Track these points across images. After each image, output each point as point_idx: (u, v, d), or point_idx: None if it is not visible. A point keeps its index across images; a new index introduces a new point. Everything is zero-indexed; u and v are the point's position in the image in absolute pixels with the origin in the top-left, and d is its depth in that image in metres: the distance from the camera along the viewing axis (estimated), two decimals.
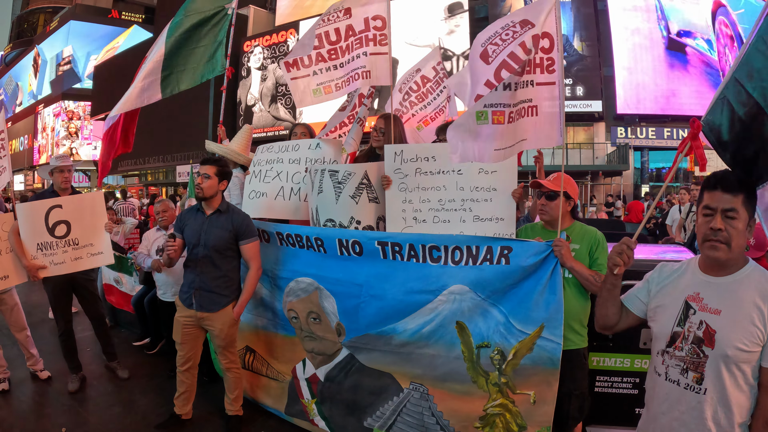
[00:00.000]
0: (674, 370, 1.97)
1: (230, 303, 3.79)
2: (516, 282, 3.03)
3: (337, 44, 4.28)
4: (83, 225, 4.50)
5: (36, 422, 4.18)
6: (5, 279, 4.41)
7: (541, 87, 2.99)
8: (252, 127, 5.20)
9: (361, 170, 3.81)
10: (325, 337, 3.68)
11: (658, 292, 2.10)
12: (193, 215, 3.84)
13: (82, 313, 4.96)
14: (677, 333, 1.96)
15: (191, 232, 3.79)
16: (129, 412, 4.34)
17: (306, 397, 3.86)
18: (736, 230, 1.83)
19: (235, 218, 3.76)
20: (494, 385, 3.11)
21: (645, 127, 23.59)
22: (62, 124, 43.49)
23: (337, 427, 3.73)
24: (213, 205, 3.79)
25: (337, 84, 4.33)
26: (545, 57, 2.95)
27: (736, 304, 1.84)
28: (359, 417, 3.58)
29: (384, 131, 4.31)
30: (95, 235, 4.56)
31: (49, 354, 5.29)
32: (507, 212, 3.52)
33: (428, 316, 3.25)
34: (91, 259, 4.57)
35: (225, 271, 3.78)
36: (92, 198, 4.69)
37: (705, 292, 1.93)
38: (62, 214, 4.42)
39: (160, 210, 5.35)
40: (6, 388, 4.71)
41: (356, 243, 3.49)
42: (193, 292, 3.78)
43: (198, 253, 3.75)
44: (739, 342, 1.79)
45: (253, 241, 3.79)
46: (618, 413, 3.53)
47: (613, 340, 3.50)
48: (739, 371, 1.81)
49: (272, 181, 4.38)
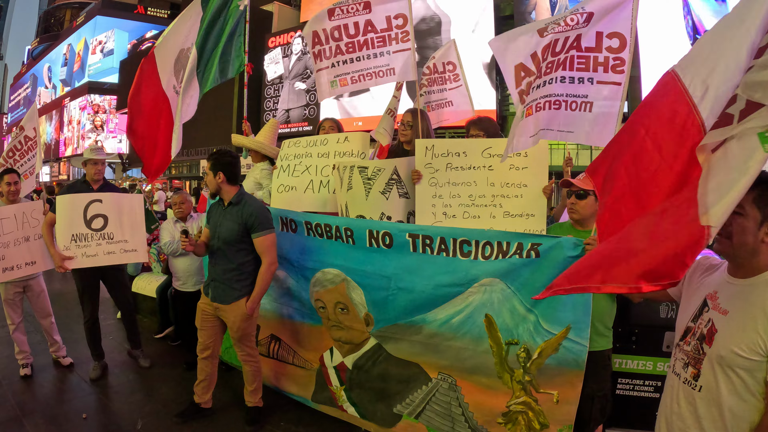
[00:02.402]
0: (679, 364, 1.95)
1: (243, 297, 3.77)
2: (545, 279, 2.95)
3: (355, 38, 4.27)
4: (121, 221, 4.58)
5: (57, 408, 4.22)
6: (32, 264, 4.48)
7: (601, 85, 2.97)
8: (278, 121, 5.21)
9: (391, 166, 3.80)
10: (353, 326, 3.66)
11: (689, 283, 2.07)
12: (217, 206, 3.89)
13: (105, 302, 4.99)
14: (689, 328, 1.93)
15: (212, 224, 3.86)
16: (149, 401, 4.37)
17: (335, 384, 3.86)
18: (740, 226, 1.75)
19: (245, 210, 3.72)
20: (518, 382, 3.07)
21: None
22: (88, 117, 44.14)
23: (367, 412, 3.72)
24: (226, 197, 3.81)
25: (352, 77, 4.30)
26: (612, 56, 2.91)
27: (744, 308, 1.77)
28: (388, 403, 3.58)
29: (411, 125, 4.29)
30: (132, 233, 4.62)
31: (71, 341, 5.34)
32: (537, 208, 3.51)
33: (459, 307, 3.21)
34: (124, 255, 4.62)
35: (237, 264, 3.77)
36: (131, 199, 4.75)
37: (722, 291, 1.87)
38: (101, 209, 4.50)
39: (177, 201, 5.35)
40: (28, 374, 4.78)
41: (387, 234, 3.45)
42: (210, 283, 3.86)
43: (214, 245, 3.81)
44: (736, 346, 1.72)
45: (265, 234, 3.71)
46: (638, 416, 3.48)
47: (637, 343, 3.47)
48: (736, 377, 1.73)
49: (301, 175, 4.41)
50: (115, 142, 42.58)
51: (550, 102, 3.06)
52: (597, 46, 2.86)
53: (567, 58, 2.96)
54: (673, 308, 3.38)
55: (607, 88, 2.94)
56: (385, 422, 3.62)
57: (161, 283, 5.96)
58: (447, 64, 5.40)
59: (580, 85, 2.95)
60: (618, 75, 2.91)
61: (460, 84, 5.37)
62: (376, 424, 3.69)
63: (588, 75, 2.93)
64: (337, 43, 4.30)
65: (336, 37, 4.30)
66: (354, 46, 4.27)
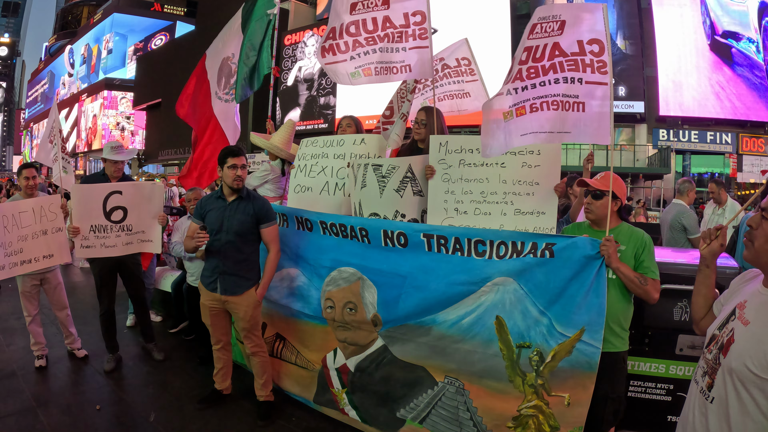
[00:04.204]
0: (699, 371, 1.90)
1: (253, 286, 3.87)
2: (559, 280, 2.96)
3: (374, 33, 4.27)
4: (140, 212, 4.66)
5: (71, 399, 4.26)
6: (49, 258, 4.53)
7: (590, 85, 3.04)
8: (294, 121, 5.25)
9: (405, 164, 3.81)
10: (360, 327, 3.66)
11: (731, 291, 2.01)
12: (214, 202, 3.89)
13: (120, 295, 5.04)
14: (714, 336, 1.88)
15: (213, 219, 3.84)
16: (163, 393, 4.41)
17: (336, 387, 3.85)
18: (764, 231, 1.71)
19: (256, 204, 3.85)
20: (530, 386, 3.04)
21: (688, 130, 22.93)
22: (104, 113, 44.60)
23: (368, 416, 3.71)
24: (234, 192, 3.85)
25: (376, 68, 4.29)
26: (596, 59, 3.01)
27: (765, 320, 1.68)
28: (391, 408, 3.56)
29: (426, 123, 4.28)
30: (149, 224, 4.72)
31: (86, 334, 5.40)
32: (549, 206, 3.52)
33: (470, 307, 3.19)
34: (141, 245, 4.74)
35: (247, 255, 3.87)
36: (152, 188, 4.81)
37: (751, 301, 1.80)
38: (121, 200, 4.58)
39: (192, 198, 5.40)
40: (43, 365, 4.84)
41: (401, 234, 3.46)
42: (217, 277, 3.86)
43: (221, 238, 3.81)
44: (748, 359, 1.62)
45: (272, 224, 3.89)
46: (650, 420, 3.46)
47: (650, 345, 3.44)
48: (747, 394, 1.63)
49: (317, 176, 4.42)
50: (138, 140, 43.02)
51: (548, 102, 3.12)
52: (581, 50, 3.00)
53: (556, 63, 3.07)
54: (687, 311, 3.35)
55: (597, 88, 3.01)
56: (387, 427, 3.61)
57: (176, 278, 6.01)
58: (462, 60, 5.41)
59: (572, 85, 3.04)
60: (603, 76, 3.00)
61: (476, 79, 5.39)
62: (377, 428, 3.67)
63: (578, 75, 3.02)
64: (355, 38, 4.30)
65: (352, 32, 4.30)
66: (374, 39, 4.27)
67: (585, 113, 3.06)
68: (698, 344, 3.32)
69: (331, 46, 4.39)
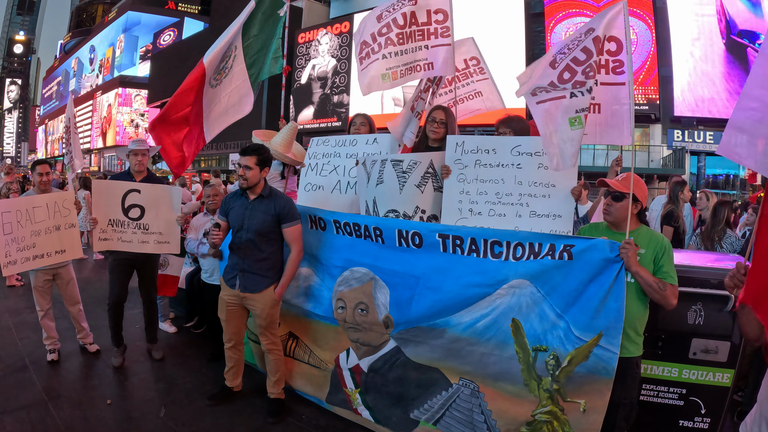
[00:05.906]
0: None
1: (272, 284, 3.87)
2: (577, 283, 2.90)
3: (404, 29, 4.26)
4: (157, 213, 4.67)
5: (82, 393, 4.28)
6: (62, 253, 4.57)
7: (605, 87, 3.05)
8: (296, 124, 5.23)
9: (427, 159, 3.77)
10: (372, 328, 3.63)
11: None
12: (237, 200, 3.90)
13: (133, 291, 5.05)
14: None
15: (235, 217, 3.87)
16: (173, 389, 4.42)
17: (349, 387, 3.83)
18: None
19: (277, 203, 3.82)
20: (545, 390, 3.00)
21: (703, 131, 22.62)
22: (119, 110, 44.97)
23: (381, 417, 3.69)
24: (256, 190, 3.85)
25: (401, 71, 4.27)
26: (611, 59, 3.01)
27: None
28: (405, 408, 3.54)
29: (445, 122, 4.19)
30: (166, 226, 4.71)
31: (98, 329, 5.42)
32: (565, 209, 3.47)
33: (484, 310, 3.15)
34: (157, 245, 4.74)
35: (267, 254, 3.85)
36: (170, 191, 4.79)
37: None
38: (139, 199, 4.62)
39: (210, 194, 5.40)
40: (55, 359, 4.86)
41: (416, 234, 3.42)
42: (237, 274, 3.87)
43: (242, 236, 3.82)
44: None
45: (295, 224, 3.84)
46: (662, 424, 3.42)
47: (663, 348, 3.39)
48: None
49: (329, 174, 4.42)
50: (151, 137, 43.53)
51: None
52: (597, 49, 2.96)
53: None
54: (701, 315, 3.30)
55: (611, 89, 3.01)
56: (401, 427, 3.58)
57: (190, 272, 6.02)
58: (470, 60, 5.35)
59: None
60: (620, 76, 2.98)
61: (486, 77, 5.32)
62: (391, 429, 3.64)
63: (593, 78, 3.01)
64: (387, 36, 4.30)
65: (384, 33, 4.30)
66: (403, 37, 4.26)
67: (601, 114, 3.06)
68: (712, 348, 3.27)
69: (367, 53, 4.39)
